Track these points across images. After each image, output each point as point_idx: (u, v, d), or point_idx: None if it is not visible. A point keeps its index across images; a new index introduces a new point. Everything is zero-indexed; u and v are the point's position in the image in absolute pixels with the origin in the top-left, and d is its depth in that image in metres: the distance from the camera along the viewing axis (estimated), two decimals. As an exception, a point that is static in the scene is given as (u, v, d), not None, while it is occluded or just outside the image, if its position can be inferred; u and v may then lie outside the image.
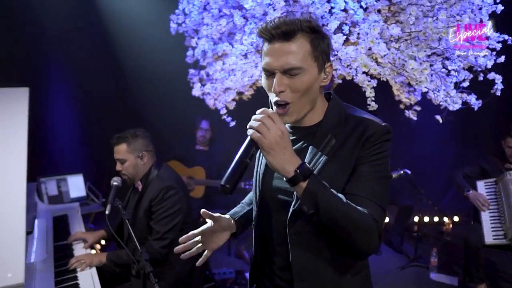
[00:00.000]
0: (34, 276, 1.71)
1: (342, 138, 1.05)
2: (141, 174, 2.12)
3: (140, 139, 2.09)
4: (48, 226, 2.33)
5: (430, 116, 2.53)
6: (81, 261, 1.87)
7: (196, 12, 2.37)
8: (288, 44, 1.00)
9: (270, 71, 1.02)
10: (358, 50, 1.94)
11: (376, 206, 1.02)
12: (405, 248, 3.76)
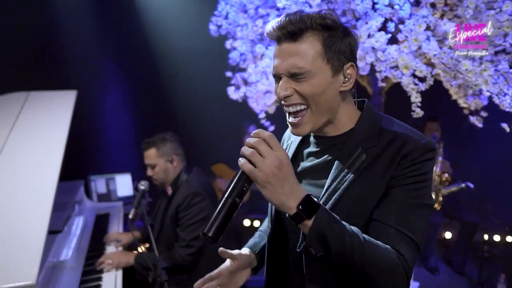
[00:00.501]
0: (61, 274, 1.76)
1: (374, 153, 0.90)
2: (171, 179, 2.10)
3: (169, 143, 2.08)
4: (88, 224, 2.42)
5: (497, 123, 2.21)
6: (108, 261, 1.89)
7: (234, 13, 2.31)
8: (295, 45, 0.88)
9: (277, 75, 0.93)
10: (401, 50, 1.73)
11: (407, 239, 0.85)
12: (468, 270, 3.35)
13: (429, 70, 1.81)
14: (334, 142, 0.97)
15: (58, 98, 2.37)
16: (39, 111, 2.23)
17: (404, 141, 0.89)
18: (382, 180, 0.87)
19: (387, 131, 0.92)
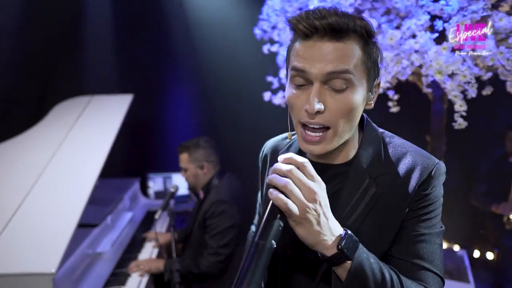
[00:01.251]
0: (95, 264, 1.90)
1: (385, 183, 0.79)
2: (202, 184, 2.14)
3: (202, 149, 2.11)
4: (135, 220, 2.59)
5: None
6: (139, 266, 1.98)
7: (275, 17, 2.27)
8: (338, 44, 0.71)
9: (305, 78, 0.73)
10: (440, 51, 1.52)
11: (432, 275, 0.78)
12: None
13: (480, 73, 1.57)
14: (340, 171, 0.83)
15: (115, 101, 2.58)
16: (96, 113, 2.45)
17: (418, 165, 0.78)
18: (398, 215, 0.78)
19: (395, 154, 0.81)
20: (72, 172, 1.90)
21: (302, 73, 0.72)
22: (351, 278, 0.69)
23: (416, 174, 0.77)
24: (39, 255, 1.48)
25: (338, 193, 0.81)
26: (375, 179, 0.79)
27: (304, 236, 0.68)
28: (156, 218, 1.89)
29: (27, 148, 2.12)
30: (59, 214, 1.66)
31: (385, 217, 0.78)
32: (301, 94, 0.74)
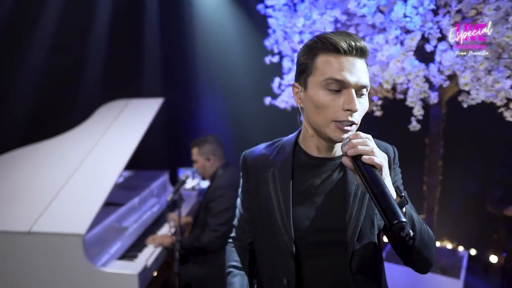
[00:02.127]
0: (119, 236, 2.35)
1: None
2: (209, 173, 2.52)
3: (209, 144, 2.49)
4: (160, 205, 3.03)
5: None
6: (155, 240, 2.39)
7: (280, 32, 2.58)
8: (362, 62, 0.92)
9: (342, 86, 0.90)
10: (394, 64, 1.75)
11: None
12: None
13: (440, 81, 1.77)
14: (335, 163, 1.02)
15: (148, 104, 3.02)
16: (131, 114, 2.92)
17: (388, 149, 1.05)
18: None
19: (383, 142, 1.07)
20: (107, 159, 2.37)
21: (340, 82, 0.89)
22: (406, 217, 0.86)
23: (389, 154, 1.03)
24: (75, 221, 1.94)
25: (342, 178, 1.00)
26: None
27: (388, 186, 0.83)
28: (167, 200, 2.29)
29: (78, 138, 2.64)
30: (93, 191, 2.12)
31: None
32: (337, 97, 0.90)
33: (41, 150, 2.52)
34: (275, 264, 1.05)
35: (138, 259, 2.14)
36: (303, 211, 1.00)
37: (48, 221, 1.96)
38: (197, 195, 3.46)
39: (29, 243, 1.92)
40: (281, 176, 1.03)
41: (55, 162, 2.38)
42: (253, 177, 1.11)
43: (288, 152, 1.05)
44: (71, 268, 1.91)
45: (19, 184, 2.24)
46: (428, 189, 2.80)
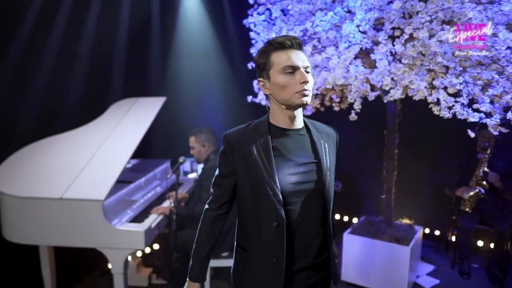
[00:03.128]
0: (129, 206, 2.92)
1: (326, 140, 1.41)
2: (203, 157, 3.09)
3: (204, 134, 3.06)
4: (162, 186, 3.60)
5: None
6: (158, 209, 2.95)
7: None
8: (301, 52, 1.32)
9: (296, 68, 1.26)
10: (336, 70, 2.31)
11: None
12: (508, 283, 3.35)
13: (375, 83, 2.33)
14: (301, 133, 1.38)
15: (153, 102, 3.57)
16: (139, 109, 3.48)
17: (331, 130, 1.48)
18: (334, 153, 1.44)
19: (319, 125, 1.46)
20: (119, 145, 2.93)
21: (292, 67, 1.25)
22: None
23: (333, 134, 1.46)
24: (96, 190, 2.51)
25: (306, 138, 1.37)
26: (322, 138, 1.41)
27: None
28: (168, 177, 2.86)
29: (96, 129, 3.19)
30: (109, 169, 2.68)
31: (332, 155, 1.40)
32: (293, 77, 1.26)
33: (69, 137, 3.10)
34: (264, 214, 1.31)
35: (144, 222, 2.70)
36: (284, 169, 1.31)
37: (75, 190, 2.54)
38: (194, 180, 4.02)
39: (61, 206, 2.50)
40: (263, 146, 1.32)
41: (80, 146, 2.96)
42: (239, 151, 1.36)
43: (265, 128, 1.36)
44: (93, 226, 2.48)
45: (53, 163, 2.82)
46: (386, 173, 3.35)
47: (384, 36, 2.38)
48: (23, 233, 2.60)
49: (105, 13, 4.01)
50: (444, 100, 2.33)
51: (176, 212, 2.65)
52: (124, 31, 4.24)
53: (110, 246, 2.52)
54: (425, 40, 2.16)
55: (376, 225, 3.44)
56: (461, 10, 2.08)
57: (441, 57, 2.16)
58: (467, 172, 3.59)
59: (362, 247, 3.31)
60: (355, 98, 2.43)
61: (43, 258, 3.07)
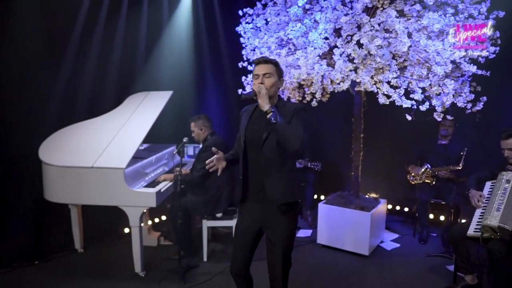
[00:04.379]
0: (142, 177, 3.66)
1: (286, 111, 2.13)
2: (202, 138, 3.81)
3: (201, 120, 3.78)
4: (169, 165, 4.34)
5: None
6: (166, 176, 3.67)
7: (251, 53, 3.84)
8: (266, 65, 2.16)
9: (258, 74, 2.14)
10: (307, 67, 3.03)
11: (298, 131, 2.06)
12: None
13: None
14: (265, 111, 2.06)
15: (162, 95, 4.29)
16: (150, 101, 4.21)
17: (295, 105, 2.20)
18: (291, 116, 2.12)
19: (287, 104, 2.25)
20: (135, 128, 3.67)
21: (256, 74, 2.15)
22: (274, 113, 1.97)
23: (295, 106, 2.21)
24: (118, 161, 3.25)
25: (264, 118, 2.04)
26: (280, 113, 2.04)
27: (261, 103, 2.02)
28: (174, 153, 3.60)
29: (116, 116, 3.94)
30: (127, 146, 3.42)
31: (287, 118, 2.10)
32: (257, 79, 2.14)
33: (96, 121, 3.86)
34: (239, 149, 2.24)
35: (155, 187, 3.43)
36: (251, 129, 2.20)
37: (102, 160, 3.28)
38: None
39: (91, 173, 3.24)
40: (246, 115, 2.28)
41: (105, 128, 3.71)
42: (241, 116, 2.32)
43: (252, 107, 2.30)
44: (116, 189, 3.22)
45: (84, 140, 3.57)
46: (354, 153, 4.05)
47: (341, 41, 3.08)
48: (61, 195, 3.35)
49: (129, 22, 4.78)
50: (386, 90, 3.03)
51: (179, 178, 3.37)
52: (142, 39, 4.99)
53: (129, 204, 3.25)
54: (367, 45, 2.86)
55: (346, 198, 4.13)
56: (392, 23, 2.78)
57: (379, 58, 2.86)
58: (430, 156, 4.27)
59: (333, 215, 4.00)
60: (317, 90, 3.14)
61: (74, 220, 3.84)
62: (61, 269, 3.56)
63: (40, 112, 4.13)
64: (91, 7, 4.40)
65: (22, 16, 3.86)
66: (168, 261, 3.71)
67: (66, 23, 4.26)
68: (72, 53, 4.33)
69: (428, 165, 4.06)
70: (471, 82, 3.24)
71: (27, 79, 3.99)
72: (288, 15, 3.31)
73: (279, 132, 1.98)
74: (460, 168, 3.91)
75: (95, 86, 4.62)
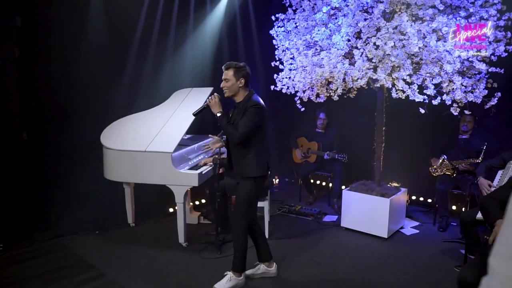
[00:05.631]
0: (186, 162, 4.22)
1: (243, 107, 2.93)
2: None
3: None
4: (208, 153, 4.88)
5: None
6: (206, 160, 4.23)
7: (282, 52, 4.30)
8: (227, 70, 2.97)
9: (223, 79, 3.01)
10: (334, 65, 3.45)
11: (241, 129, 2.89)
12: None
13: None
14: (239, 105, 3.01)
15: (204, 91, 4.85)
16: (193, 96, 4.77)
17: (249, 104, 2.92)
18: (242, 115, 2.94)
19: (248, 101, 2.94)
20: (181, 119, 4.24)
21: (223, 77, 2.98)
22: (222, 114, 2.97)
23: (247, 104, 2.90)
24: (167, 146, 3.83)
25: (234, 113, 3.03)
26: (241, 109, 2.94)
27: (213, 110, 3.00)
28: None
29: (163, 109, 4.54)
30: (175, 133, 3.99)
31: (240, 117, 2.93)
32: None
33: (148, 113, 4.48)
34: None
35: (198, 170, 3.98)
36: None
37: (154, 145, 3.87)
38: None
39: (144, 156, 3.83)
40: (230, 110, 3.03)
41: (155, 118, 4.31)
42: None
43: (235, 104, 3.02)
44: (165, 170, 3.79)
45: (138, 128, 4.19)
46: (376, 145, 4.41)
47: (361, 43, 3.48)
48: (118, 174, 3.98)
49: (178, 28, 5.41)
50: (401, 86, 3.39)
51: (218, 162, 3.89)
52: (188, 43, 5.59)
53: (175, 183, 3.82)
54: (383, 46, 3.24)
55: (368, 185, 4.50)
56: (405, 27, 3.14)
57: (394, 57, 3.23)
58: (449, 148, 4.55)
59: (356, 201, 4.39)
60: (338, 86, 3.55)
61: (127, 198, 4.48)
62: (117, 238, 4.20)
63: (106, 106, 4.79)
64: (147, 17, 5.02)
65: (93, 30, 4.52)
66: (207, 236, 4.25)
67: (127, 32, 4.91)
68: (133, 57, 4.97)
69: (445, 156, 4.34)
70: (488, 79, 3.52)
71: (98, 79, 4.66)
72: (315, 20, 3.74)
73: (224, 130, 3.04)
74: (479, 161, 4.14)
75: (150, 83, 5.26)
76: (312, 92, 4.20)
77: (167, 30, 5.30)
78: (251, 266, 3.38)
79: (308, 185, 5.66)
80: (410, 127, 5.22)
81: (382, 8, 3.21)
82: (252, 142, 2.98)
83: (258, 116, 2.91)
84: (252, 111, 2.89)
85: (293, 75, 3.99)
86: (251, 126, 2.89)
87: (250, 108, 2.90)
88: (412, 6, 3.35)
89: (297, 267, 3.57)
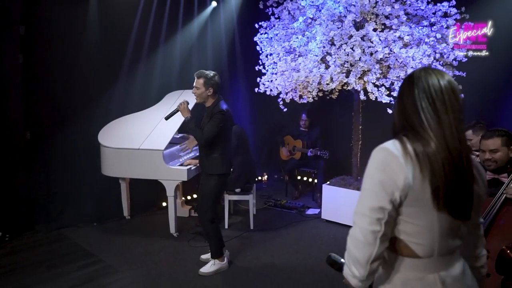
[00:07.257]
0: (177, 159, 4.57)
1: (214, 112, 3.30)
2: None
3: None
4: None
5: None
6: (190, 162, 4.58)
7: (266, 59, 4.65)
8: (197, 79, 3.33)
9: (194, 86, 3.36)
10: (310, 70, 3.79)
11: (207, 133, 3.29)
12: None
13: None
14: (208, 110, 3.38)
15: (194, 92, 5.22)
16: (185, 98, 5.11)
17: (215, 109, 3.30)
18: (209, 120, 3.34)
19: (215, 107, 3.33)
20: (172, 119, 4.58)
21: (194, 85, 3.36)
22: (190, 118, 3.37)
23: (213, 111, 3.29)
24: (158, 144, 4.17)
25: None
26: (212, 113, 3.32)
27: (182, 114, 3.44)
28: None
29: (156, 110, 4.87)
30: (166, 133, 4.34)
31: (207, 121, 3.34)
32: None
33: (142, 114, 4.83)
34: None
35: (187, 166, 4.32)
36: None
37: (147, 143, 4.22)
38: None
39: (138, 153, 4.18)
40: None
41: (149, 119, 4.66)
42: None
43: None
44: (157, 166, 4.13)
45: (132, 128, 4.53)
46: (353, 142, 4.76)
47: (334, 50, 3.83)
48: (114, 170, 4.33)
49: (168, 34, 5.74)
50: (370, 89, 3.74)
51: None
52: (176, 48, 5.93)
53: (166, 178, 4.17)
54: (352, 53, 3.59)
55: (347, 180, 4.85)
56: (372, 36, 3.49)
57: (362, 63, 3.58)
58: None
59: (335, 195, 4.74)
60: (313, 88, 3.90)
61: (123, 192, 4.83)
62: (113, 230, 4.55)
63: (103, 107, 5.12)
64: (140, 25, 5.36)
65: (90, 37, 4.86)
66: (196, 227, 4.61)
67: (121, 40, 5.25)
68: (126, 62, 5.32)
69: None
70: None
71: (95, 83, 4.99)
72: (293, 28, 4.09)
73: (191, 133, 3.50)
74: None
75: (143, 86, 5.60)
76: (295, 93, 4.55)
77: (158, 37, 5.65)
78: (240, 254, 3.72)
79: (294, 180, 6.01)
80: (386, 126, 5.56)
81: (351, 18, 3.55)
82: (217, 143, 3.37)
83: (222, 121, 3.31)
84: (217, 117, 3.28)
85: (274, 78, 4.33)
86: (215, 130, 3.30)
87: (216, 114, 3.28)
88: (380, 16, 3.70)
89: (277, 254, 3.92)
